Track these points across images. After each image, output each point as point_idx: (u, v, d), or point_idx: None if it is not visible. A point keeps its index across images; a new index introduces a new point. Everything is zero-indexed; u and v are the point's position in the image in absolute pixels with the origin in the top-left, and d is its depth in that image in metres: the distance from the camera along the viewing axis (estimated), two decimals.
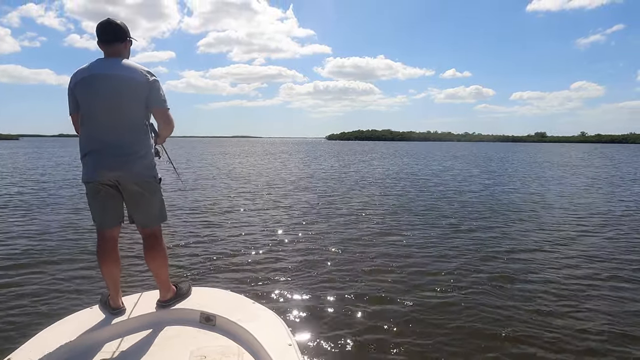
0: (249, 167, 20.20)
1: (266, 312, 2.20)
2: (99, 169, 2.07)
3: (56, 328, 1.99)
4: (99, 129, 2.08)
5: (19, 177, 13.96)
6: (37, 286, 3.83)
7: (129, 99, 2.07)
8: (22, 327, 3.02)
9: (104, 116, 2.07)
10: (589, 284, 4.08)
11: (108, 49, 2.14)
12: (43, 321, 2.88)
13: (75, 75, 2.09)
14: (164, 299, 2.28)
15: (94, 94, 2.05)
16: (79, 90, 2.07)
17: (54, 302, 3.50)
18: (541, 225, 6.82)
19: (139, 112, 2.12)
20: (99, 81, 2.04)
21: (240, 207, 8.46)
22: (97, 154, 2.08)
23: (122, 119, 2.08)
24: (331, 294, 3.75)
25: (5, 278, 4.05)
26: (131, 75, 2.06)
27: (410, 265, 4.61)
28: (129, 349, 1.93)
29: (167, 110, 2.20)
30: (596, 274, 4.36)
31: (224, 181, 13.49)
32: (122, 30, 2.17)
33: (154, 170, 2.20)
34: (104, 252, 2.22)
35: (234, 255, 4.92)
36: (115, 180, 2.10)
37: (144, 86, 2.08)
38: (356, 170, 19.03)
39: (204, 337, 2.05)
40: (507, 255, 5.02)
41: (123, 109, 2.08)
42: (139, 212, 2.21)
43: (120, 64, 2.09)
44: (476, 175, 16.06)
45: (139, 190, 2.15)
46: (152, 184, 2.19)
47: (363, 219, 7.23)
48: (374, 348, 2.87)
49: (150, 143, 2.19)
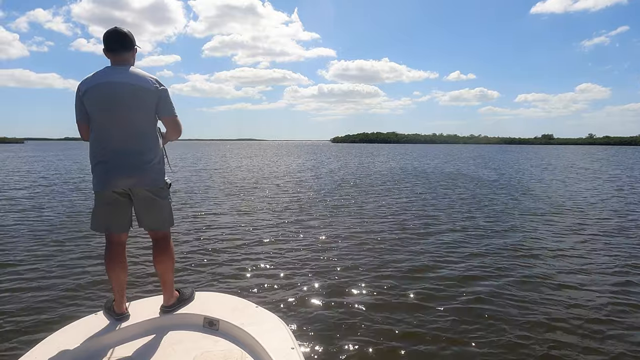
0: (253, 171, 20.24)
1: (269, 316, 2.21)
2: (111, 178, 2.10)
3: (61, 334, 2.01)
4: (109, 138, 2.11)
5: (28, 180, 14.11)
6: (42, 292, 3.84)
7: (138, 107, 2.10)
8: (27, 333, 3.03)
9: (114, 125, 2.09)
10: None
11: (115, 58, 2.16)
12: (48, 327, 2.92)
13: (84, 83, 2.10)
14: (167, 304, 2.30)
15: (104, 103, 2.07)
16: (88, 99, 2.09)
17: (58, 308, 3.51)
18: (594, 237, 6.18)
19: (148, 120, 2.15)
20: (109, 90, 2.06)
21: (243, 210, 8.48)
22: (108, 163, 2.10)
23: (132, 127, 2.11)
24: (335, 299, 3.74)
25: (9, 284, 4.06)
26: (140, 84, 2.09)
27: (416, 270, 4.56)
28: (134, 354, 1.94)
29: (176, 118, 2.25)
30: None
31: (227, 185, 13.53)
32: (129, 39, 2.19)
33: (165, 176, 2.25)
34: (112, 257, 2.25)
35: (237, 260, 4.93)
36: (127, 188, 2.14)
37: (153, 94, 2.12)
38: (367, 173, 18.98)
39: (207, 341, 2.06)
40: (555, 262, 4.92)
41: (133, 117, 2.10)
42: (150, 217, 2.24)
43: (129, 72, 2.12)
44: (525, 182, 14.68)
45: (150, 197, 2.19)
46: (164, 190, 2.25)
47: (371, 224, 7.17)
48: (377, 353, 2.86)
49: (160, 149, 2.23)
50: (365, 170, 20.40)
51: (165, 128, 2.29)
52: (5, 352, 2.74)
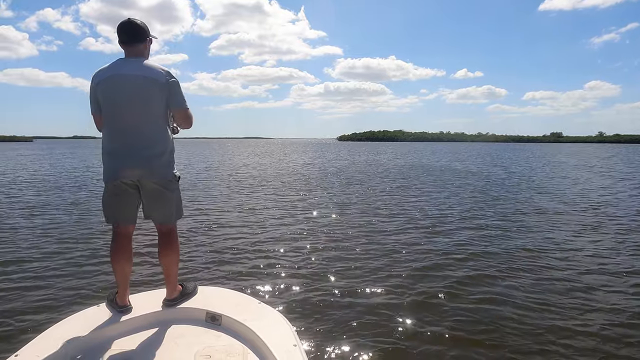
0: (260, 168, 20.29)
1: (272, 312, 2.21)
2: (120, 169, 2.13)
3: (63, 325, 2.01)
4: (120, 129, 2.14)
5: (31, 179, 14.26)
6: (44, 283, 3.89)
7: (149, 99, 2.11)
8: (29, 324, 3.06)
9: (125, 116, 2.12)
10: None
11: (128, 49, 2.18)
12: (50, 318, 2.95)
13: (97, 75, 2.14)
14: (170, 298, 2.30)
15: (115, 95, 2.10)
16: (101, 91, 2.13)
17: (61, 299, 3.54)
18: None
19: (159, 112, 2.16)
20: (120, 82, 2.09)
21: (248, 206, 8.50)
22: (118, 155, 2.13)
23: (142, 119, 2.13)
24: (338, 296, 3.72)
25: (12, 275, 4.12)
26: (151, 76, 2.10)
27: (425, 269, 4.50)
28: (135, 347, 1.94)
29: (187, 110, 2.25)
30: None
31: (233, 181, 13.57)
32: (142, 30, 2.21)
33: (174, 169, 2.26)
34: (118, 248, 2.26)
35: (240, 255, 4.94)
36: (136, 179, 2.15)
37: (164, 87, 2.12)
38: (375, 171, 18.93)
39: (209, 336, 2.05)
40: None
41: (144, 109, 2.12)
42: (157, 209, 2.25)
43: (140, 64, 2.13)
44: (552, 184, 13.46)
45: (159, 189, 2.19)
46: (172, 182, 2.25)
47: (379, 222, 7.10)
48: (381, 353, 2.82)
49: (170, 142, 2.24)
50: (373, 168, 20.34)
51: (175, 121, 2.30)
52: (9, 345, 2.75)
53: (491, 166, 22.24)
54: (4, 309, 3.36)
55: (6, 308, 3.37)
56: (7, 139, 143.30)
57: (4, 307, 3.38)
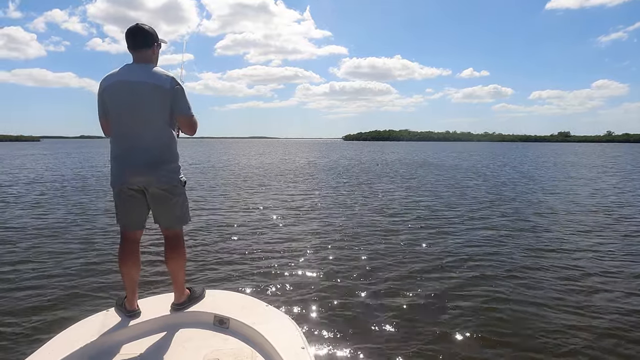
0: (266, 168, 20.31)
1: (280, 316, 2.21)
2: (126, 175, 2.14)
3: (73, 331, 2.02)
4: (126, 135, 2.15)
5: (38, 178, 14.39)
6: (54, 289, 3.87)
7: (154, 106, 2.12)
8: (39, 330, 3.06)
9: (131, 122, 2.13)
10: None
11: (136, 55, 2.20)
12: (60, 324, 2.93)
13: (105, 81, 2.16)
14: (178, 302, 2.30)
15: (121, 101, 2.12)
16: (108, 96, 2.15)
17: (70, 305, 3.54)
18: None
19: (164, 119, 2.17)
20: (125, 88, 2.11)
21: (254, 206, 8.50)
22: (124, 160, 2.15)
23: (148, 125, 2.14)
24: (346, 299, 3.70)
25: (22, 281, 4.09)
26: (156, 83, 2.11)
27: (434, 270, 4.46)
28: (144, 351, 1.95)
29: (192, 117, 2.25)
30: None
31: (239, 182, 13.59)
32: (150, 35, 2.22)
33: (180, 174, 2.26)
34: (126, 253, 2.28)
35: (248, 258, 4.92)
36: (142, 185, 2.16)
37: (168, 93, 2.13)
38: (382, 171, 18.89)
39: (217, 339, 2.06)
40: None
41: (148, 115, 2.13)
42: (163, 214, 2.26)
43: (146, 70, 2.14)
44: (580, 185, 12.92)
45: (164, 194, 2.20)
46: (178, 188, 2.25)
47: (388, 223, 7.05)
48: (389, 355, 2.80)
49: (176, 147, 2.25)
50: (380, 168, 20.29)
51: (180, 127, 2.29)
52: (19, 349, 2.77)
53: (501, 166, 22.11)
54: (13, 311, 3.37)
55: (15, 310, 3.39)
56: (15, 139, 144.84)
57: (13, 310, 3.40)
